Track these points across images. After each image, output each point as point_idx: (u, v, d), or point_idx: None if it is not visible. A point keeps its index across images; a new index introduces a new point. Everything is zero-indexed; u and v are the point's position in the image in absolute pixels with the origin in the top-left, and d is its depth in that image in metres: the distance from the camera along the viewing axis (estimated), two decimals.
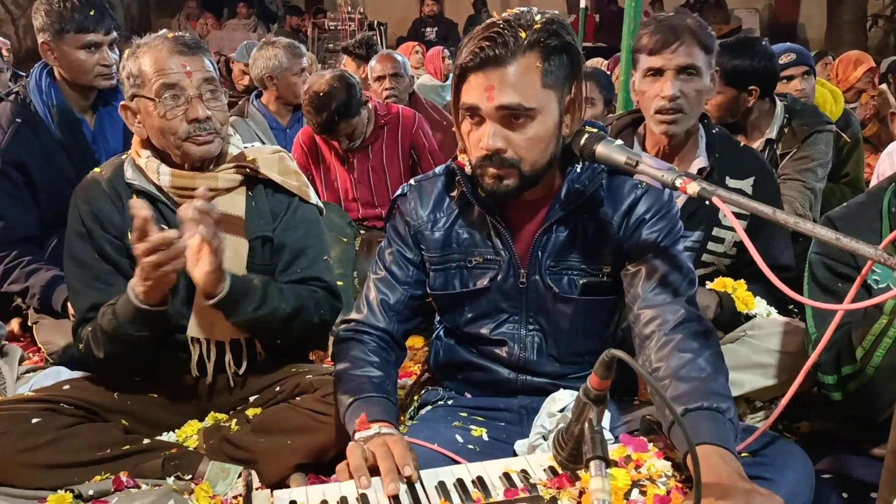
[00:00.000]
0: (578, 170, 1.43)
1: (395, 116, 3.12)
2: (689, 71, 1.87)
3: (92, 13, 2.37)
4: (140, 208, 1.47)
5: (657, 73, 1.89)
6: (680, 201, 1.91)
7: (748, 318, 1.91)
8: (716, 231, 1.97)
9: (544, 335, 1.50)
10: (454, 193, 1.50)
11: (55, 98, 2.45)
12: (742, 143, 2.13)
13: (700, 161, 1.97)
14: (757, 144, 2.70)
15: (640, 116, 2.08)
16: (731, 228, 1.94)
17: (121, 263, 1.73)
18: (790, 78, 3.05)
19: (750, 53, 2.57)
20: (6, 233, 2.42)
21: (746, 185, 1.99)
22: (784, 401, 1.19)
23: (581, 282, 1.46)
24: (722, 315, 1.87)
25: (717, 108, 2.63)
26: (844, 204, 1.65)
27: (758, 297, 1.91)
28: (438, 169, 1.57)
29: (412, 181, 1.58)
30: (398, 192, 1.58)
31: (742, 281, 1.91)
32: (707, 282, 1.95)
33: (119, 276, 1.72)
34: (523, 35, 1.28)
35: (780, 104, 2.74)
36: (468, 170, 1.43)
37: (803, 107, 2.80)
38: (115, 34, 2.45)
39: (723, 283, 1.91)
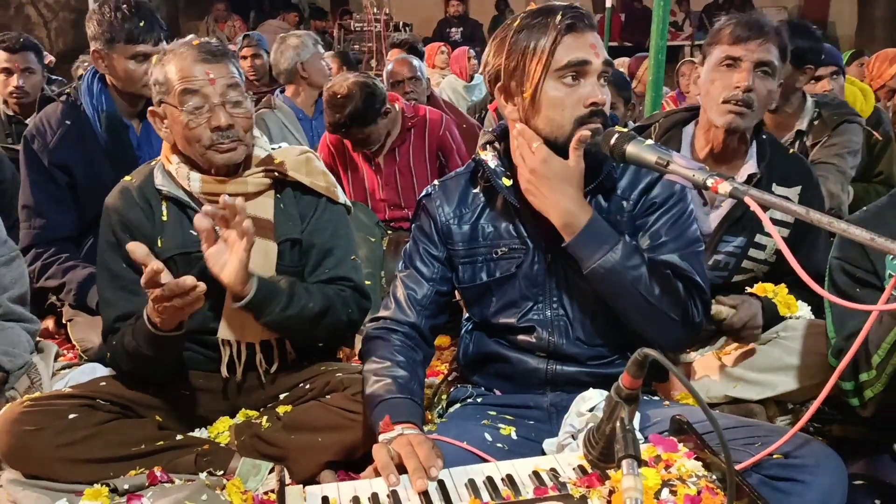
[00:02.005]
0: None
1: (423, 118, 3.12)
2: (765, 68, 1.86)
3: (142, 24, 2.40)
4: (139, 249, 1.46)
5: (735, 62, 1.86)
6: (725, 206, 1.91)
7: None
8: (758, 238, 1.93)
9: (569, 318, 1.52)
10: (477, 189, 1.56)
11: (105, 103, 2.48)
12: (791, 151, 2.09)
13: (750, 167, 1.94)
14: (787, 137, 2.70)
15: (692, 115, 2.04)
16: None
17: None
18: (818, 78, 3.00)
19: (809, 33, 2.65)
20: (46, 232, 2.47)
21: (793, 193, 1.95)
22: (816, 402, 1.18)
23: None
24: (765, 321, 1.84)
25: None
26: (864, 208, 1.64)
27: (800, 301, 1.88)
28: (461, 169, 1.63)
29: (436, 182, 1.63)
30: (423, 192, 1.63)
31: (783, 285, 1.87)
32: (747, 287, 1.91)
33: None
34: None
35: (810, 99, 2.74)
36: (491, 163, 1.50)
37: (832, 100, 2.81)
38: (164, 44, 2.48)
39: (763, 289, 1.88)
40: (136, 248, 1.47)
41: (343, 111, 2.85)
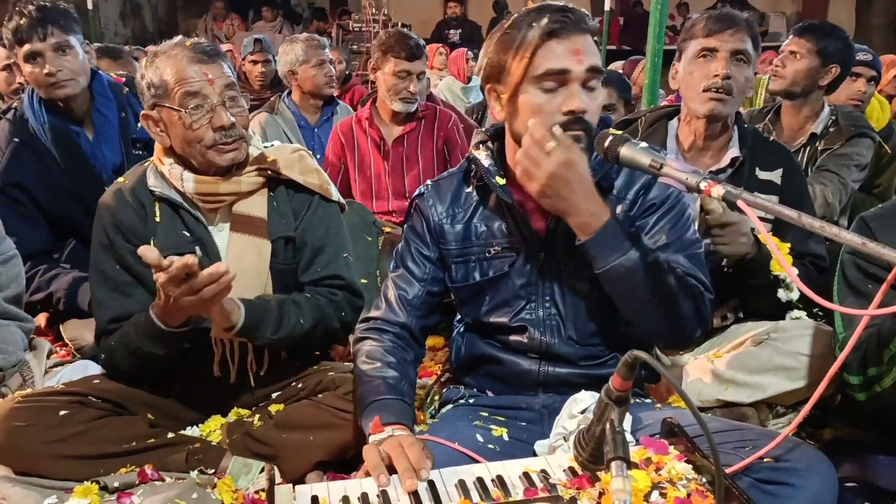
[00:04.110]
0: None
1: (433, 110, 3.21)
2: (740, 56, 1.92)
3: (23, 22, 2.34)
4: (150, 253, 1.42)
5: (711, 53, 1.93)
6: None
7: (777, 280, 1.86)
8: None
9: (561, 317, 1.51)
10: (470, 188, 1.56)
11: (45, 115, 2.45)
12: (771, 138, 2.14)
13: (733, 151, 1.99)
14: (799, 140, 2.73)
15: (675, 110, 2.09)
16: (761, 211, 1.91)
17: (142, 273, 1.72)
18: (858, 76, 3.03)
19: (842, 38, 2.69)
20: (19, 249, 2.38)
21: (775, 175, 2.00)
22: (809, 404, 1.18)
23: None
24: (756, 261, 1.81)
25: (796, 73, 2.68)
26: (879, 205, 1.64)
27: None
28: (453, 169, 1.63)
29: (429, 182, 1.63)
30: (416, 192, 1.63)
31: (787, 245, 1.85)
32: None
33: (139, 288, 1.73)
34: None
35: (828, 107, 2.76)
36: (485, 162, 1.49)
37: (850, 112, 2.82)
38: (55, 41, 2.35)
39: (763, 240, 1.86)
40: (147, 252, 1.42)
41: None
